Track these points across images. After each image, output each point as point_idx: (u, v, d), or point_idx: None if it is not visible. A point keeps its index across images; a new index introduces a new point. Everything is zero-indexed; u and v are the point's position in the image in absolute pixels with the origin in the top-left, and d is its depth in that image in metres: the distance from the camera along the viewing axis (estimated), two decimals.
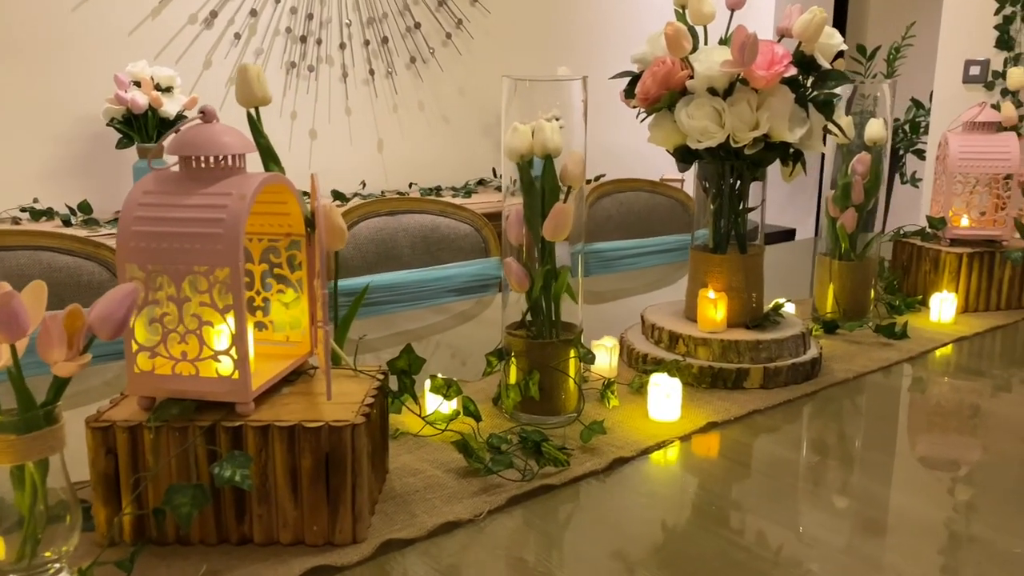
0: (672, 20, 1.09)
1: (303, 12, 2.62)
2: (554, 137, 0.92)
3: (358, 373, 0.80)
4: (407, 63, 2.87)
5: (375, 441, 0.77)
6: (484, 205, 2.68)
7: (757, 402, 1.04)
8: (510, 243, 0.98)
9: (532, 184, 0.95)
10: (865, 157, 1.33)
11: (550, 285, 0.97)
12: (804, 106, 1.06)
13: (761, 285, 1.18)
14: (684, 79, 1.06)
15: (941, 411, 1.06)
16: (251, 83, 0.80)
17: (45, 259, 1.36)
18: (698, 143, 1.06)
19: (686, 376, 1.09)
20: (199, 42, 2.45)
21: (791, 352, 1.12)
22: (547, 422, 0.95)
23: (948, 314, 1.40)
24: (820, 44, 1.05)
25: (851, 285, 1.36)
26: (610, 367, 1.12)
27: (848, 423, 1.02)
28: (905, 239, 1.54)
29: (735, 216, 1.15)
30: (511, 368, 0.97)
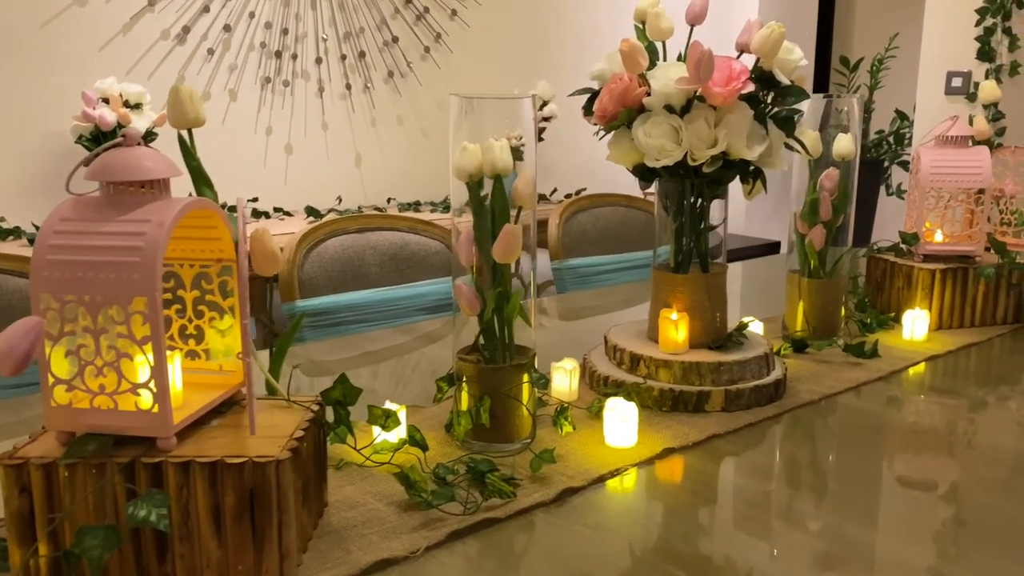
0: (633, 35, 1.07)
1: (278, 27, 2.60)
2: (503, 156, 0.90)
3: (292, 404, 0.77)
4: (385, 77, 2.85)
5: (307, 475, 0.74)
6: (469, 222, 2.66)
7: (718, 426, 1.01)
8: (460, 264, 0.95)
9: (482, 204, 0.92)
10: (833, 173, 1.31)
11: (503, 308, 0.95)
12: (763, 123, 1.04)
13: (724, 304, 1.15)
14: (641, 96, 1.04)
15: (909, 434, 1.03)
16: (183, 104, 0.78)
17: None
18: (655, 161, 1.04)
19: (646, 399, 1.07)
20: (171, 58, 2.42)
21: (754, 374, 1.09)
22: (500, 450, 0.93)
23: (921, 332, 1.37)
24: (779, 59, 1.03)
25: (820, 303, 1.34)
26: (570, 390, 1.09)
27: (811, 447, 1.00)
28: (879, 255, 1.52)
29: (696, 235, 1.12)
30: (462, 394, 0.94)
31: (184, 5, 2.42)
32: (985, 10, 2.95)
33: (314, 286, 1.62)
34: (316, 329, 1.59)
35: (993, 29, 2.95)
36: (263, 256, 0.78)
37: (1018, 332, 1.44)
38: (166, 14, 2.39)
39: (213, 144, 2.54)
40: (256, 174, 2.64)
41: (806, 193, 1.33)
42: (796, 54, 1.04)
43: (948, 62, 3.10)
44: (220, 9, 2.48)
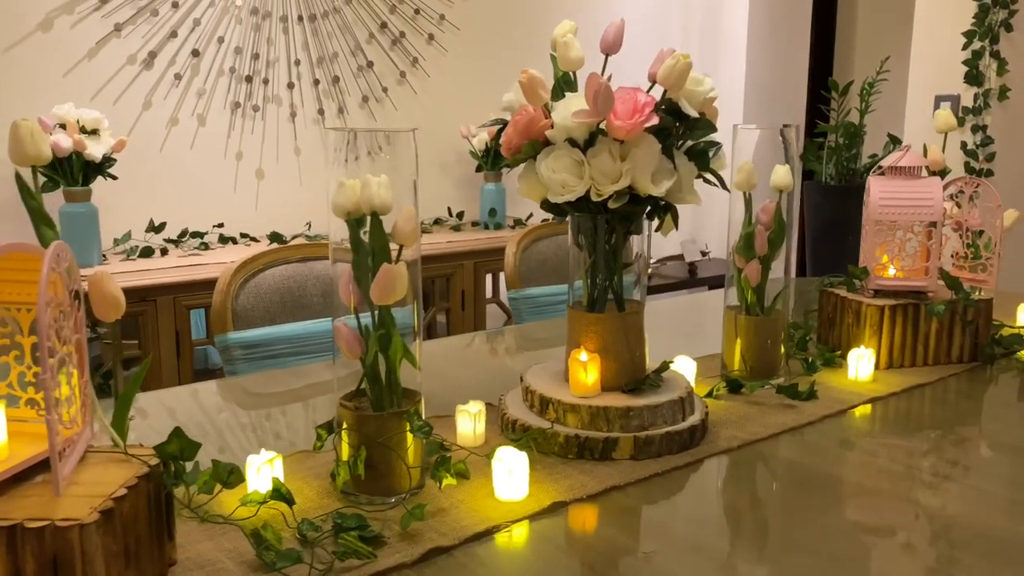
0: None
1: (248, 52, 2.58)
2: (381, 193, 0.86)
3: (130, 457, 0.73)
4: (360, 102, 2.83)
5: (134, 535, 0.69)
6: (434, 246, 2.62)
7: (620, 476, 0.95)
8: (343, 305, 0.91)
9: (360, 243, 0.88)
10: (769, 206, 1.26)
11: (388, 351, 0.90)
12: (671, 156, 0.99)
13: (642, 345, 1.10)
14: (545, 129, 1.00)
15: (828, 487, 0.97)
16: (23, 140, 0.74)
17: None
18: (558, 197, 0.99)
19: (552, 446, 1.01)
20: (138, 83, 2.41)
21: (666, 419, 1.03)
22: (381, 502, 0.88)
23: (865, 372, 1.31)
24: (687, 91, 0.98)
25: (758, 341, 1.28)
26: (474, 435, 1.04)
27: (714, 502, 0.94)
28: (829, 289, 1.46)
29: (610, 272, 1.07)
30: (342, 442, 0.90)
31: (151, 31, 2.41)
32: (972, 33, 2.89)
33: (249, 317, 1.58)
34: (251, 362, 1.55)
35: (981, 53, 2.89)
36: (102, 301, 0.74)
37: (974, 372, 1.37)
38: (132, 39, 2.38)
39: (181, 169, 2.52)
40: (226, 199, 2.61)
41: (742, 226, 1.27)
42: (705, 85, 0.99)
43: (936, 86, 3.04)
44: (188, 34, 2.47)
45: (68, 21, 2.29)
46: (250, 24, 2.57)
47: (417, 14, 2.92)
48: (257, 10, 2.58)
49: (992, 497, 0.92)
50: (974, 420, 1.17)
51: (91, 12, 2.31)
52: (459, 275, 2.64)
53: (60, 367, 0.70)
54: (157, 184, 2.48)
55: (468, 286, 2.66)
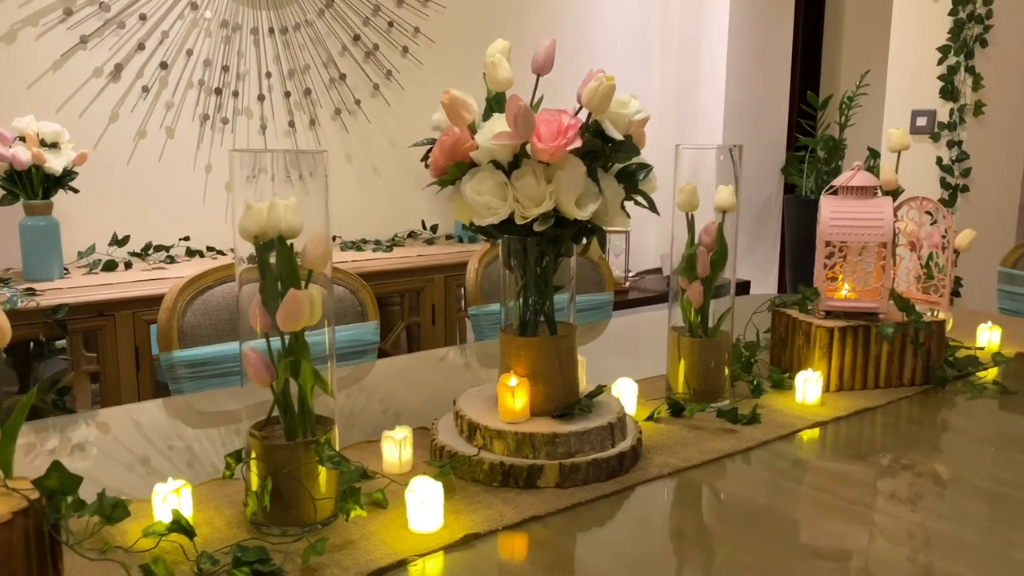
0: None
1: (218, 64, 2.57)
2: (287, 216, 0.84)
3: (11, 491, 0.71)
4: (332, 114, 2.82)
5: (11, 569, 0.67)
6: (405, 260, 2.60)
7: (542, 506, 0.93)
8: (254, 330, 0.88)
9: (268, 267, 0.86)
10: (711, 227, 1.24)
11: (299, 378, 0.88)
12: (597, 179, 0.97)
13: (575, 368, 1.08)
14: (471, 150, 0.98)
15: (756, 520, 0.94)
16: None
17: None
18: (483, 219, 0.97)
19: (478, 473, 0.99)
20: (104, 96, 2.39)
21: (594, 446, 1.01)
22: (290, 534, 0.85)
23: (813, 395, 1.29)
24: (612, 113, 0.97)
25: (701, 363, 1.26)
26: (400, 462, 1.02)
27: (638, 535, 0.91)
28: (781, 309, 1.45)
29: (541, 295, 1.05)
30: (251, 472, 0.87)
31: (118, 43, 2.39)
32: (947, 49, 2.88)
33: (196, 335, 1.56)
34: (197, 380, 1.53)
35: (956, 68, 2.88)
36: None
37: (926, 395, 1.35)
38: (99, 52, 2.37)
39: (149, 182, 2.50)
40: (195, 212, 2.59)
41: (684, 247, 1.26)
42: (631, 107, 0.97)
43: (913, 100, 3.03)
44: (156, 46, 2.46)
45: (32, 33, 2.27)
46: (220, 36, 2.56)
47: (391, 27, 2.90)
48: (227, 23, 2.57)
49: (933, 532, 0.90)
50: (919, 447, 1.15)
51: (56, 24, 2.30)
52: (429, 289, 2.62)
53: None
54: (124, 197, 2.46)
55: (439, 300, 2.64)
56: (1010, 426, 1.23)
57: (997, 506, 0.95)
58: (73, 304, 1.97)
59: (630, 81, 3.65)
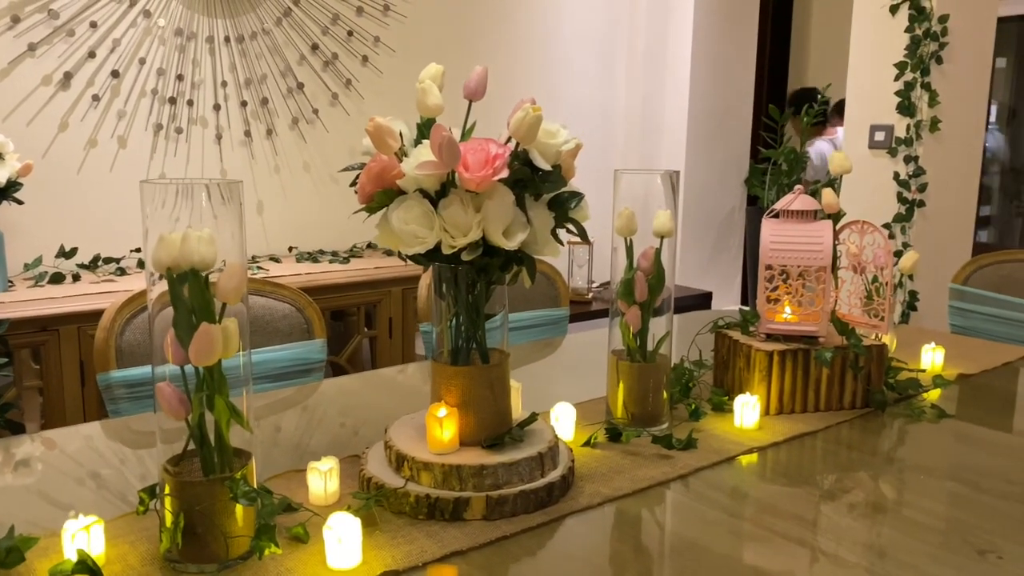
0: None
1: (172, 74, 2.53)
2: (201, 248, 0.82)
3: None
4: (290, 124, 2.79)
5: None
6: (362, 272, 2.58)
7: (466, 540, 0.92)
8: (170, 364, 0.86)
9: (181, 299, 0.84)
10: (649, 251, 1.24)
11: (214, 411, 0.86)
12: (525, 208, 0.96)
13: (506, 397, 1.07)
14: (398, 178, 0.97)
15: (681, 553, 0.94)
16: None
17: None
18: (410, 248, 0.96)
19: (404, 505, 0.98)
20: (53, 104, 2.35)
21: (523, 477, 1.00)
22: (211, 569, 0.83)
23: (751, 419, 1.29)
24: (540, 143, 0.96)
25: (639, 388, 1.25)
26: (325, 494, 1.00)
27: (563, 569, 0.90)
28: (724, 331, 1.45)
29: (473, 324, 1.04)
30: (165, 509, 0.85)
31: (67, 51, 2.35)
32: (904, 65, 2.92)
33: (135, 355, 1.53)
34: (137, 401, 1.50)
35: (913, 84, 2.91)
36: None
37: (866, 418, 1.36)
38: (47, 59, 2.33)
39: (101, 192, 2.46)
40: None
41: (623, 271, 1.25)
42: (559, 137, 0.97)
43: (871, 115, 3.06)
44: (108, 55, 2.42)
45: None
46: (174, 45, 2.53)
47: (351, 36, 2.88)
48: (182, 31, 2.54)
49: (860, 566, 0.90)
50: (853, 474, 1.15)
51: (3, 31, 2.26)
52: (386, 302, 2.60)
53: None
54: (74, 207, 2.42)
55: (396, 313, 2.62)
56: (944, 452, 1.24)
57: (927, 540, 0.96)
58: (16, 319, 1.93)
59: (594, 92, 3.65)
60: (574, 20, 3.55)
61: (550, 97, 3.40)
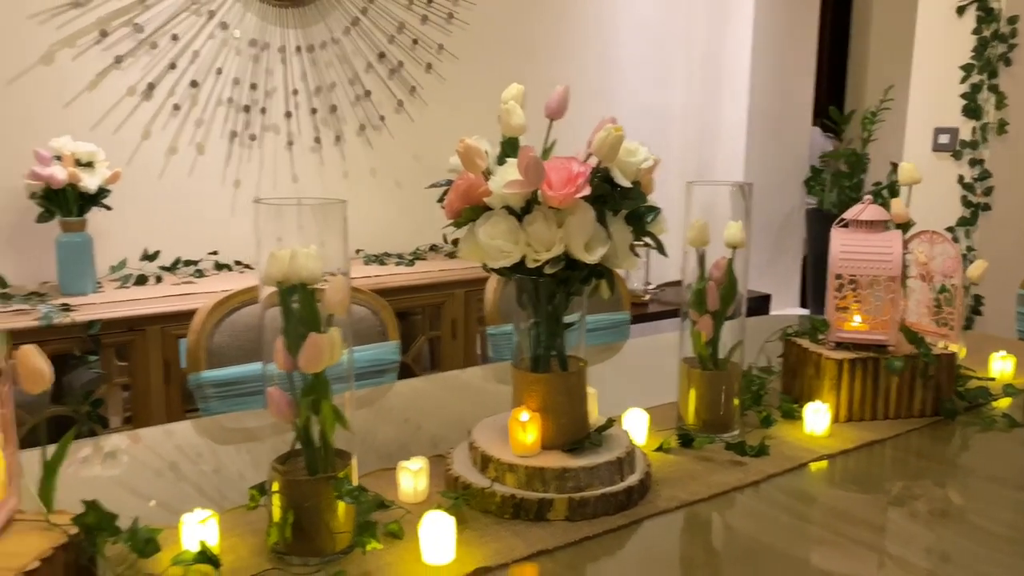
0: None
1: (246, 82, 2.63)
2: (308, 264, 0.88)
3: (52, 526, 0.76)
4: (357, 130, 2.87)
5: None
6: (426, 275, 2.65)
7: (552, 539, 0.97)
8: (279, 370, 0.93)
9: (291, 311, 0.90)
10: (721, 262, 1.27)
11: (319, 415, 0.92)
12: (606, 223, 1.00)
13: (584, 403, 1.12)
14: (484, 195, 1.02)
15: (756, 557, 0.97)
16: None
17: None
18: (495, 262, 1.01)
19: (490, 505, 1.03)
20: (137, 114, 2.47)
21: (603, 480, 1.05)
22: (310, 564, 0.90)
23: (821, 426, 1.31)
24: (620, 161, 1.00)
25: (710, 395, 1.29)
26: (415, 492, 1.06)
27: (646, 569, 0.95)
28: (793, 339, 1.47)
29: (552, 333, 1.09)
30: (274, 504, 0.92)
31: (150, 62, 2.47)
32: (970, 67, 2.88)
33: (224, 356, 1.61)
34: (225, 400, 1.59)
35: (980, 86, 2.87)
36: (28, 374, 0.77)
37: (936, 426, 1.37)
38: (132, 71, 2.44)
39: (180, 197, 2.57)
40: (224, 226, 2.66)
41: (695, 282, 1.29)
42: (639, 155, 1.01)
43: (935, 118, 3.02)
44: (188, 65, 2.53)
45: (69, 54, 2.35)
46: (248, 55, 2.63)
47: (416, 44, 2.96)
48: (256, 41, 2.64)
49: (930, 572, 0.92)
50: (924, 482, 1.17)
51: (92, 45, 2.37)
52: (450, 303, 2.67)
53: None
54: (156, 212, 2.53)
55: (459, 315, 2.68)
56: (1015, 461, 1.25)
57: (995, 547, 0.98)
58: (105, 319, 2.04)
59: (651, 95, 3.67)
60: (631, 24, 3.57)
61: (606, 101, 3.43)
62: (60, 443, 0.81)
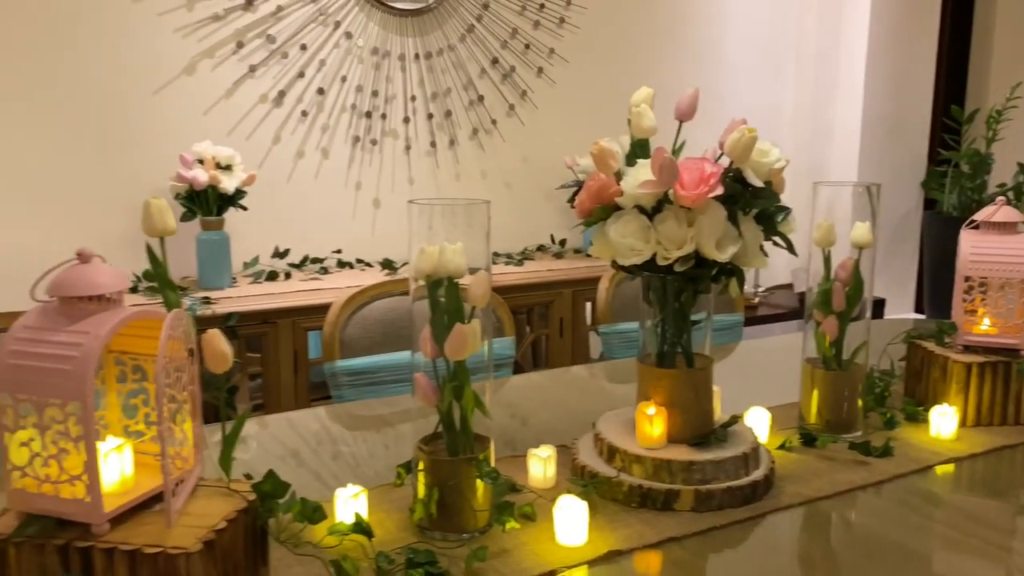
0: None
1: (368, 89, 2.76)
2: (455, 260, 0.95)
3: (233, 492, 0.85)
4: (470, 134, 2.96)
5: (233, 561, 0.80)
6: (535, 274, 2.71)
7: (679, 528, 1.01)
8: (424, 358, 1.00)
9: (438, 303, 0.97)
10: (848, 262, 1.27)
11: (461, 400, 0.99)
12: (737, 222, 1.03)
13: (710, 399, 1.14)
14: (615, 195, 1.06)
15: (883, 554, 0.98)
16: (153, 216, 0.87)
17: None
18: (625, 259, 1.05)
19: (616, 494, 1.07)
20: (269, 120, 2.62)
21: (729, 474, 1.07)
22: (452, 539, 0.96)
23: (948, 429, 1.30)
24: (753, 162, 1.03)
25: (834, 395, 1.29)
26: (544, 478, 1.12)
27: (771, 560, 0.97)
28: (917, 342, 1.45)
29: (679, 330, 1.12)
30: (419, 482, 0.99)
31: (282, 71, 2.61)
32: None
33: (354, 348, 1.71)
34: (356, 388, 1.68)
35: None
36: (212, 356, 0.86)
37: None
38: (264, 79, 2.60)
39: (306, 199, 2.72)
40: (345, 226, 2.80)
41: (820, 281, 1.29)
42: (771, 156, 1.03)
43: None
44: (315, 74, 2.67)
45: (209, 64, 2.52)
46: (371, 63, 2.75)
47: (527, 49, 3.02)
48: (377, 50, 2.76)
49: None
50: None
51: (229, 56, 2.54)
52: (558, 303, 2.72)
53: (175, 414, 0.82)
54: (285, 212, 2.68)
55: (566, 314, 2.73)
56: None
57: None
58: (242, 312, 2.18)
59: (761, 95, 3.62)
60: (741, 25, 3.53)
61: (715, 100, 3.41)
62: (236, 420, 0.89)
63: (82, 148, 2.39)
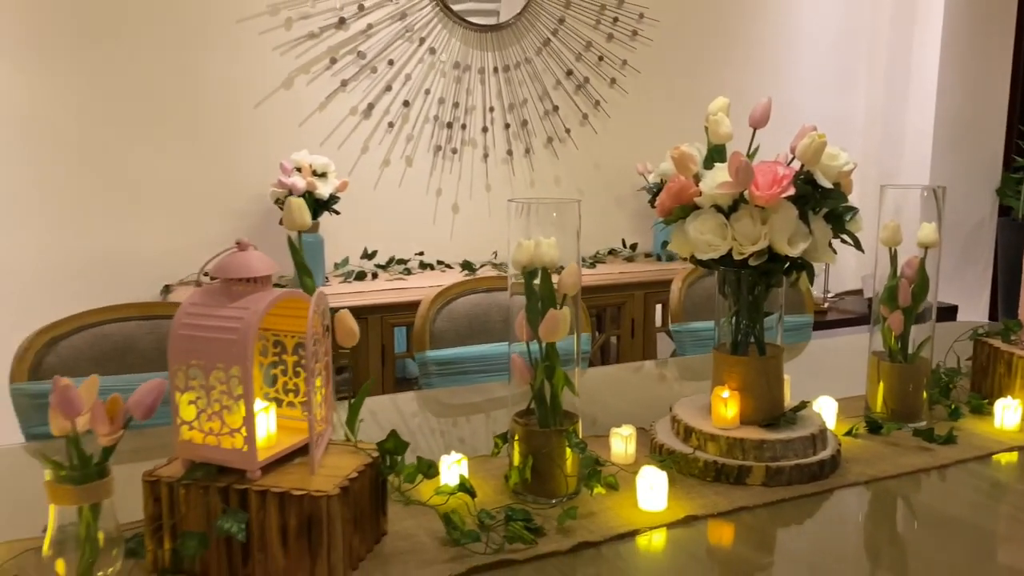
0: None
1: (450, 101, 2.91)
2: (549, 252, 1.06)
3: (359, 450, 0.98)
4: (544, 143, 3.09)
5: (360, 508, 0.93)
6: (607, 276, 2.81)
7: (750, 499, 1.10)
8: (517, 339, 1.12)
9: (533, 291, 1.09)
10: (914, 260, 1.35)
11: (552, 379, 1.10)
12: (807, 220, 1.12)
13: (780, 385, 1.23)
14: (694, 195, 1.17)
15: (949, 530, 1.06)
16: (294, 213, 1.02)
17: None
18: (703, 254, 1.15)
19: (692, 468, 1.17)
20: (358, 131, 2.80)
21: (797, 453, 1.16)
22: (543, 503, 1.07)
23: (1012, 422, 1.36)
24: (823, 165, 1.12)
25: (899, 387, 1.36)
26: (625, 454, 1.22)
27: (838, 532, 1.06)
28: (983, 338, 1.51)
29: (752, 320, 1.22)
30: (514, 451, 1.11)
31: (370, 85, 2.79)
32: None
33: (444, 339, 1.84)
34: (444, 377, 1.81)
35: None
36: (343, 332, 0.99)
37: None
38: (355, 93, 2.77)
39: (391, 204, 2.88)
40: (426, 230, 2.95)
41: (887, 278, 1.37)
42: (840, 160, 1.12)
43: None
44: (401, 87, 2.83)
45: (305, 79, 2.70)
46: (452, 77, 2.90)
47: (601, 60, 3.14)
48: (459, 64, 2.91)
49: None
50: None
51: (323, 71, 2.72)
52: (630, 304, 2.81)
53: (316, 379, 0.96)
54: (371, 217, 2.85)
55: (638, 315, 2.82)
56: None
57: None
58: (334, 308, 2.34)
59: (832, 101, 3.66)
60: (812, 32, 3.58)
61: (786, 108, 3.46)
62: (360, 390, 1.03)
63: (194, 156, 2.60)
